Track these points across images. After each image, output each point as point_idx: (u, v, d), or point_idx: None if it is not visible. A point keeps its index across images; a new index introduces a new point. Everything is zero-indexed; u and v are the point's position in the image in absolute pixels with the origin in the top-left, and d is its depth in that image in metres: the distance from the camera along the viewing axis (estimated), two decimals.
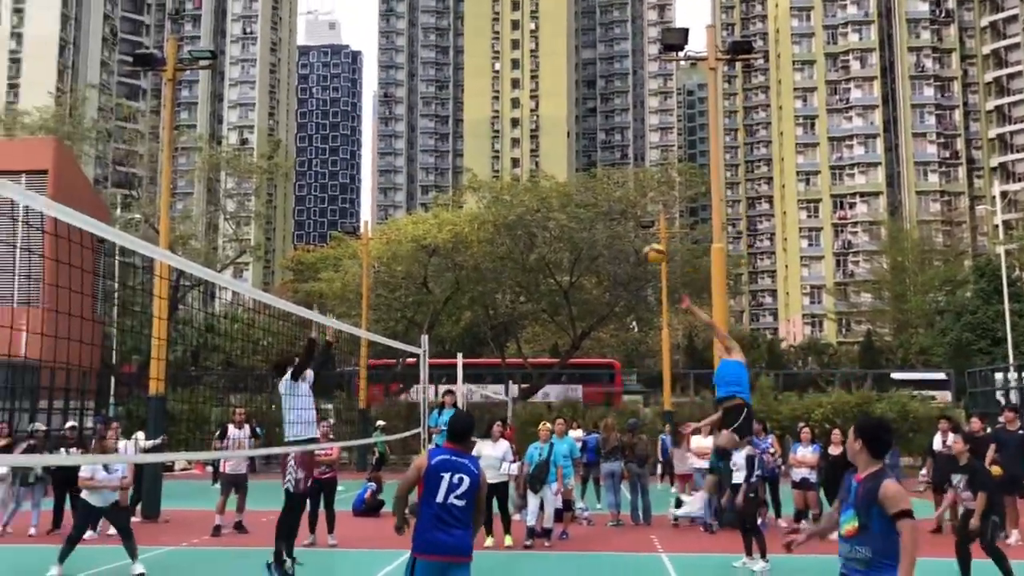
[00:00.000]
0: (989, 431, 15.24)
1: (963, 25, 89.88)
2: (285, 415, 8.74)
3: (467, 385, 19.87)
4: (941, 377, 39.32)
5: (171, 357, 27.28)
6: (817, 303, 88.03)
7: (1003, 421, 14.40)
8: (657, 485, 17.78)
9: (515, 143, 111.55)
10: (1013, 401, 26.89)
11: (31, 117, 46.81)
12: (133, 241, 5.49)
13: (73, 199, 18.53)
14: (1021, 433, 13.80)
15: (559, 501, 13.31)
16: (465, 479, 5.63)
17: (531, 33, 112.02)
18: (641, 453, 15.66)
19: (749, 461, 11.66)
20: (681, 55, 18.61)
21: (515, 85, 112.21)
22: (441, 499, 5.57)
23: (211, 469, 23.22)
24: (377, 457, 20.42)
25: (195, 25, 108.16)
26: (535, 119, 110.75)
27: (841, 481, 4.88)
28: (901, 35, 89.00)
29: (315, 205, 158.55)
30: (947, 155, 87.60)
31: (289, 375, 8.79)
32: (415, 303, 37.62)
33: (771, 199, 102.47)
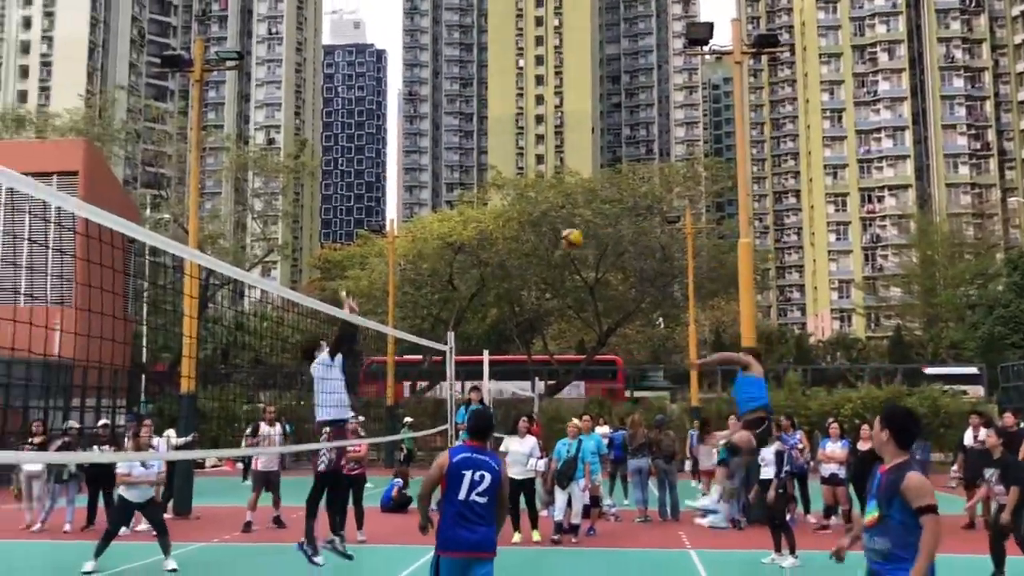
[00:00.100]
0: (1022, 426, 15.05)
1: (993, 14, 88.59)
2: (317, 398, 8.77)
3: (493, 382, 19.91)
4: (973, 372, 38.86)
5: (201, 355, 27.51)
6: (845, 298, 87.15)
7: None
8: (691, 483, 17.71)
9: (539, 139, 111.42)
10: None
11: (62, 119, 47.37)
12: (163, 241, 5.55)
13: (103, 200, 18.75)
14: None
15: (587, 497, 13.31)
16: (486, 476, 5.67)
17: (555, 29, 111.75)
18: (668, 449, 15.64)
19: (778, 457, 11.61)
20: (706, 49, 18.46)
21: (539, 81, 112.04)
22: (463, 496, 5.62)
23: (241, 466, 23.42)
24: (405, 454, 20.57)
25: (221, 26, 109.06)
26: (559, 115, 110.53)
27: (870, 476, 4.84)
28: (930, 25, 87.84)
29: (342, 204, 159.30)
30: (978, 147, 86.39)
31: (326, 353, 8.79)
32: (441, 300, 37.71)
33: (798, 193, 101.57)
